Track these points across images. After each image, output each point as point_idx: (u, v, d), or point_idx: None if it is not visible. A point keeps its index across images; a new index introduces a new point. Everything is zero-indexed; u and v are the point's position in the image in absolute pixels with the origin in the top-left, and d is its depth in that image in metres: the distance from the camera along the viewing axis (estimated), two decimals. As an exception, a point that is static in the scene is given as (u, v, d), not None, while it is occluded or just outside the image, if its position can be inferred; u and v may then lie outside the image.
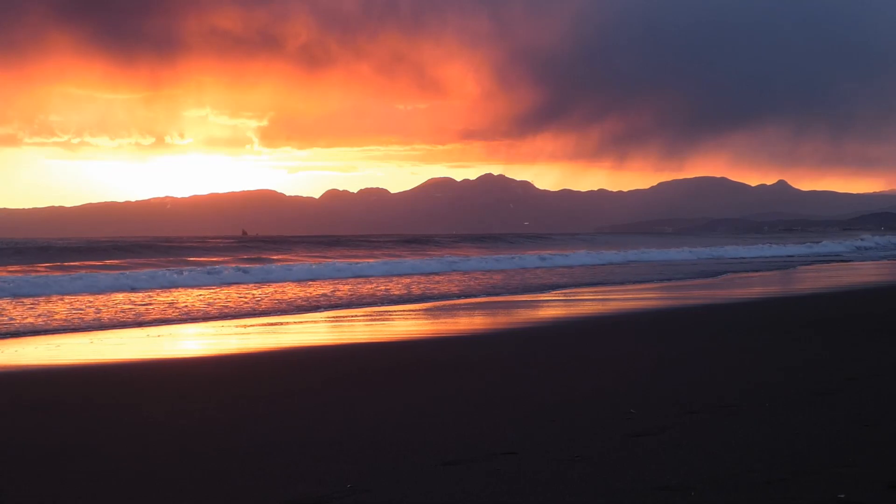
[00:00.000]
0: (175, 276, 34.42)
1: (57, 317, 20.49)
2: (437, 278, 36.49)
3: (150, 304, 24.17)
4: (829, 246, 74.47)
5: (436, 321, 19.79)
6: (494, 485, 6.22)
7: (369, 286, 31.04)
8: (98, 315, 20.84)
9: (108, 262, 51.61)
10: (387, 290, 29.27)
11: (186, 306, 23.47)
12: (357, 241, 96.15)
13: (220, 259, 57.01)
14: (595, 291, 28.32)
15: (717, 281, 34.49)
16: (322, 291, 28.58)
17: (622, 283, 32.51)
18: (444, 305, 23.71)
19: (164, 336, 17.03)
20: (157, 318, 20.43)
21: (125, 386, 11.20)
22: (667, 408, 8.56)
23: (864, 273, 38.91)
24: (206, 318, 20.52)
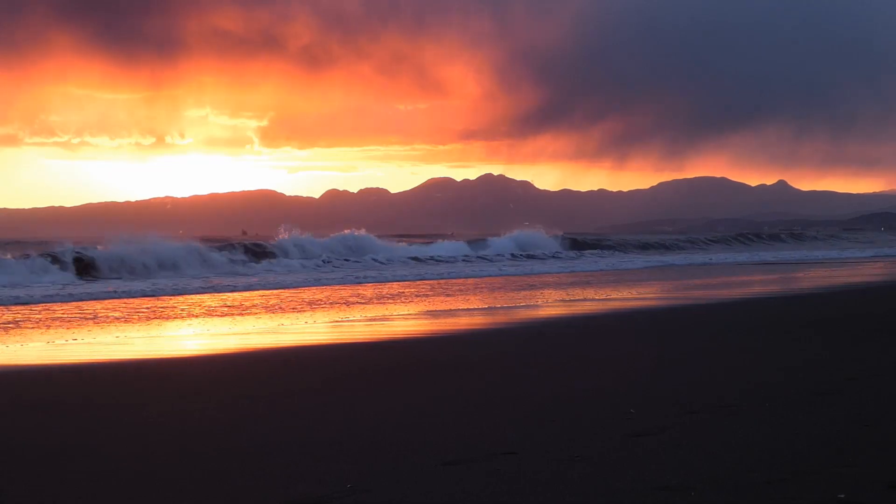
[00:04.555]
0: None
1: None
2: None
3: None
4: None
5: (436, 320, 19.78)
6: (494, 485, 6.21)
7: None
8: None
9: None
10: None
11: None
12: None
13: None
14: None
15: (715, 280, 34.55)
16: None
17: None
18: None
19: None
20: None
21: (125, 386, 11.20)
22: (667, 408, 8.55)
23: (863, 273, 38.89)
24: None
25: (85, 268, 39.02)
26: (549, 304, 24.13)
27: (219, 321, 19.72)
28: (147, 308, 23.06)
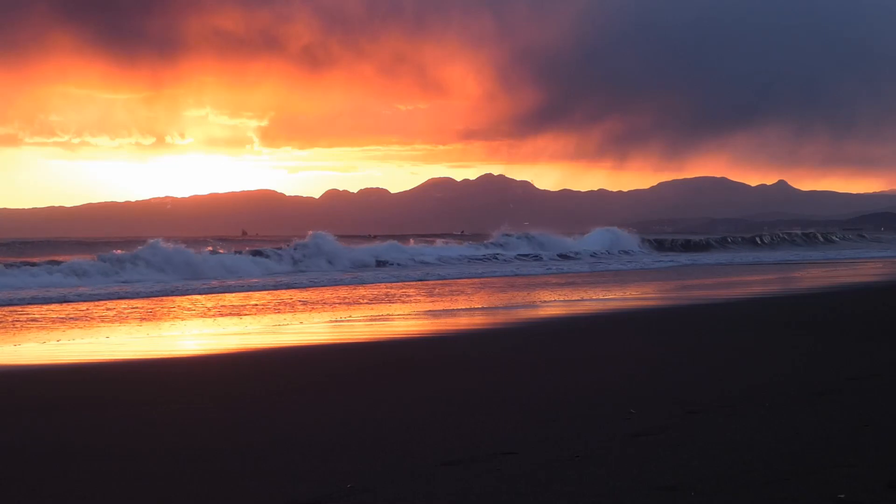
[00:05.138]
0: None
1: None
2: None
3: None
4: None
5: (436, 320, 19.79)
6: (495, 485, 6.22)
7: None
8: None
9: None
10: None
11: None
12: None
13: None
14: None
15: (715, 280, 34.57)
16: None
17: None
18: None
19: (180, 335, 17.06)
20: None
21: (126, 385, 11.20)
22: (667, 408, 8.56)
23: (864, 273, 38.91)
24: None
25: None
26: (552, 303, 24.14)
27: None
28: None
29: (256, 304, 24.29)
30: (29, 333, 17.41)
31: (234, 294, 28.73)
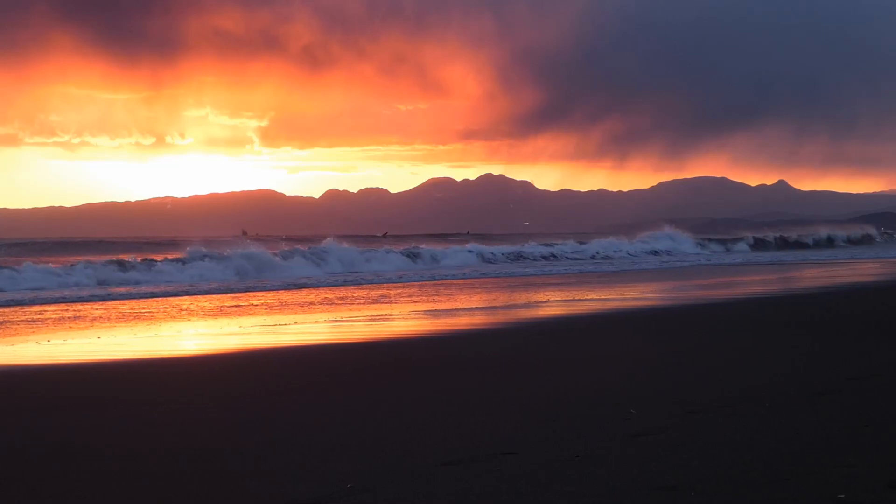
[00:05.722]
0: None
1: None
2: None
3: None
4: None
5: (436, 320, 19.79)
6: (495, 485, 6.22)
7: None
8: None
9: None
10: None
11: None
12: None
13: None
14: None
15: (716, 280, 34.58)
16: None
17: None
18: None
19: (180, 334, 17.06)
20: None
21: (126, 385, 11.20)
22: (667, 408, 8.56)
23: (864, 272, 38.92)
24: None
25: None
26: (552, 303, 24.14)
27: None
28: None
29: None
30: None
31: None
